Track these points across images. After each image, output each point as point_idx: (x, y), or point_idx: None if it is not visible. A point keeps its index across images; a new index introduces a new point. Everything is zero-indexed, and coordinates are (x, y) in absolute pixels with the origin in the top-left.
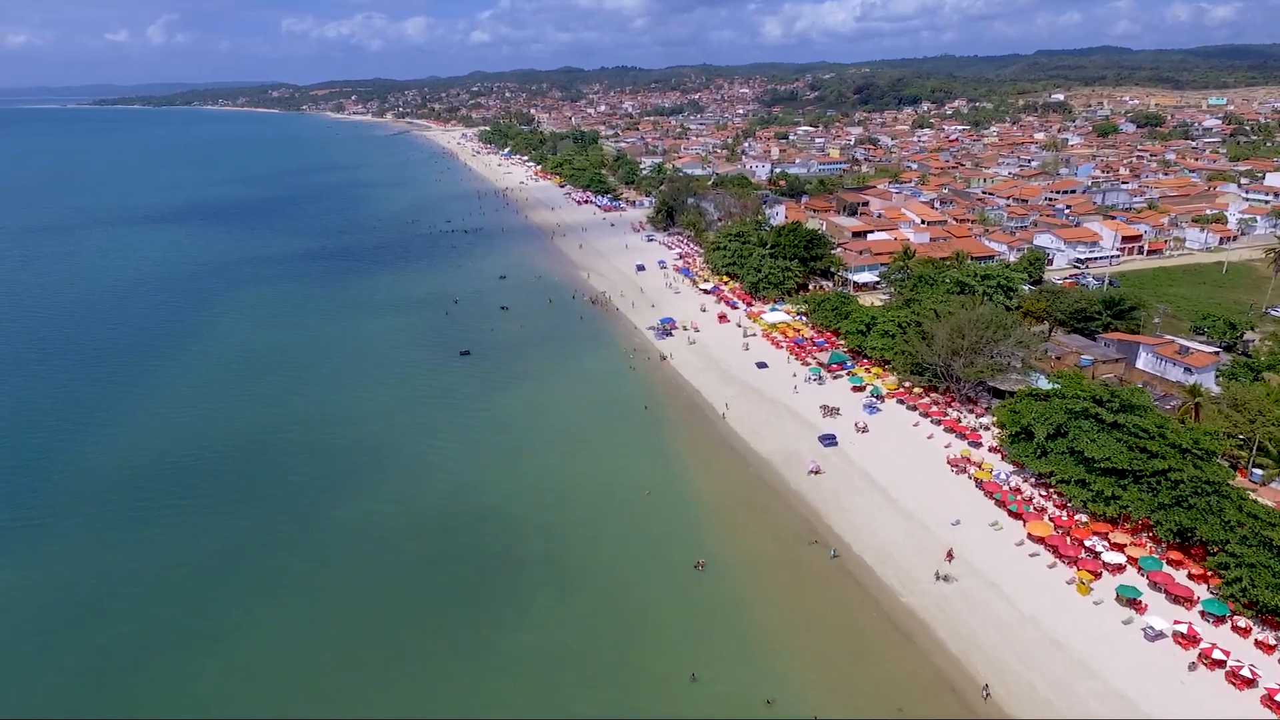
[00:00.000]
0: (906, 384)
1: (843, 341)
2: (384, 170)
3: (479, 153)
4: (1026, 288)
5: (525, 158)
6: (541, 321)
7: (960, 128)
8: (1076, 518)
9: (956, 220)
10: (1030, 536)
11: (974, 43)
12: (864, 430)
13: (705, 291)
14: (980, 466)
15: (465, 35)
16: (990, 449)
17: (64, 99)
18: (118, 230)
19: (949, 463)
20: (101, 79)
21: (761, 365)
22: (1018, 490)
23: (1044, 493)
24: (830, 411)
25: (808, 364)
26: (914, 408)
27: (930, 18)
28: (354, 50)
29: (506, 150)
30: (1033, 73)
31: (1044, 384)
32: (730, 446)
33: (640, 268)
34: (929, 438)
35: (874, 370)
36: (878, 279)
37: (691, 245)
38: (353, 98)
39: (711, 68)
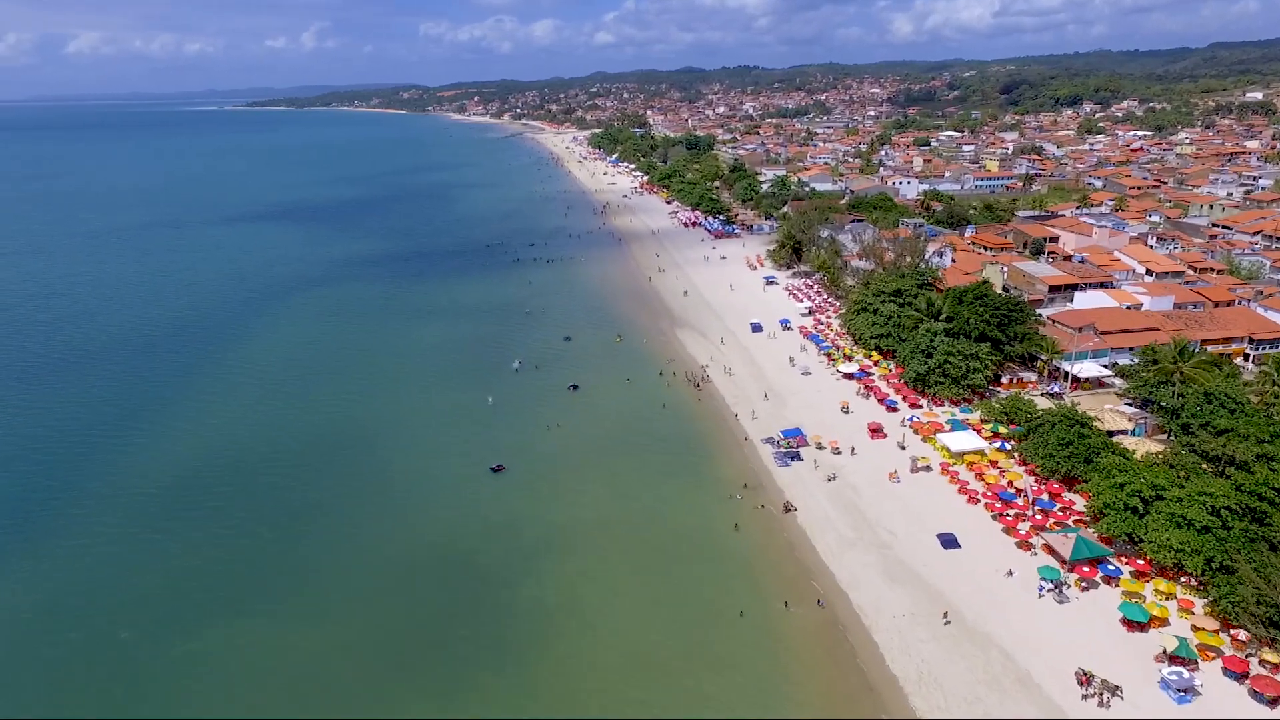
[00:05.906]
0: (1239, 633)
1: (1077, 496)
2: (483, 173)
3: (586, 159)
4: None
5: (632, 166)
6: (612, 413)
7: (1139, 133)
8: None
9: (1195, 269)
10: None
11: (1128, 37)
12: None
13: (846, 376)
14: None
15: (590, 36)
16: None
17: (225, 102)
18: (215, 229)
19: None
20: (260, 83)
21: (949, 542)
22: None
23: None
24: (1100, 691)
25: (1030, 546)
26: (1266, 698)
27: (1078, 11)
28: (483, 52)
29: (614, 157)
30: (1211, 68)
31: None
32: None
33: (756, 328)
34: None
35: (1162, 586)
36: (1107, 370)
37: (824, 294)
38: (475, 99)
39: (838, 66)
